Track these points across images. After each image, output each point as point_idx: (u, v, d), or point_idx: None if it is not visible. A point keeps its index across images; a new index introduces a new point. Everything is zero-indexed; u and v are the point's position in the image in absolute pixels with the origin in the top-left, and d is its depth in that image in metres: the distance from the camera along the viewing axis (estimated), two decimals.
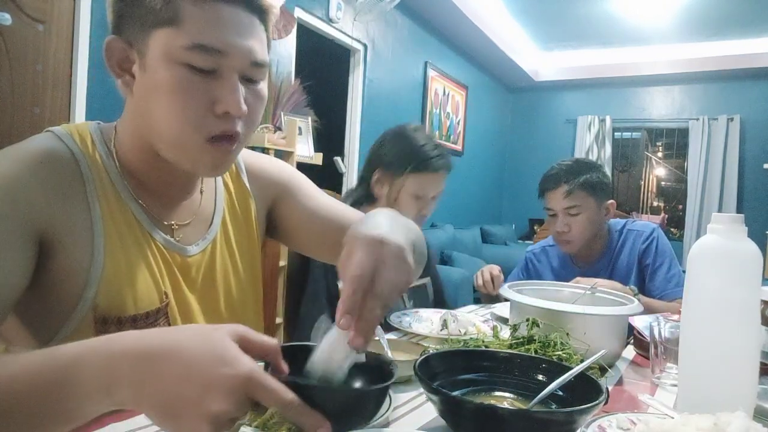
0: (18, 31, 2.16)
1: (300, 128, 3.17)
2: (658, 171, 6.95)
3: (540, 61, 6.62)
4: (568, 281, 1.36)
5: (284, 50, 3.47)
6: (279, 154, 2.98)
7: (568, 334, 0.91)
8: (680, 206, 6.65)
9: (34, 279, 0.66)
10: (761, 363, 0.74)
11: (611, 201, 1.72)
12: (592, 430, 0.64)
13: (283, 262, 2.65)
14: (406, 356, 0.89)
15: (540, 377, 0.72)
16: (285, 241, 0.99)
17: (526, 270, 1.91)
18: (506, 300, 1.20)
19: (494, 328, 1.06)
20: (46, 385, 0.47)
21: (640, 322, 1.12)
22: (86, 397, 0.47)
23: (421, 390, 0.80)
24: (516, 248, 5.50)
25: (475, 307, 1.63)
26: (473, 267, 2.59)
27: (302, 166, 3.02)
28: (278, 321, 2.55)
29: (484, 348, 0.86)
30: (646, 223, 1.79)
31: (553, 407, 0.67)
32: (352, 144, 4.28)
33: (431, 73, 5.16)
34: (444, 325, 1.21)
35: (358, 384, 0.55)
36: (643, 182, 6.91)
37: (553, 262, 1.86)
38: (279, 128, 3.04)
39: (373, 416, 0.59)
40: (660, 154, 6.90)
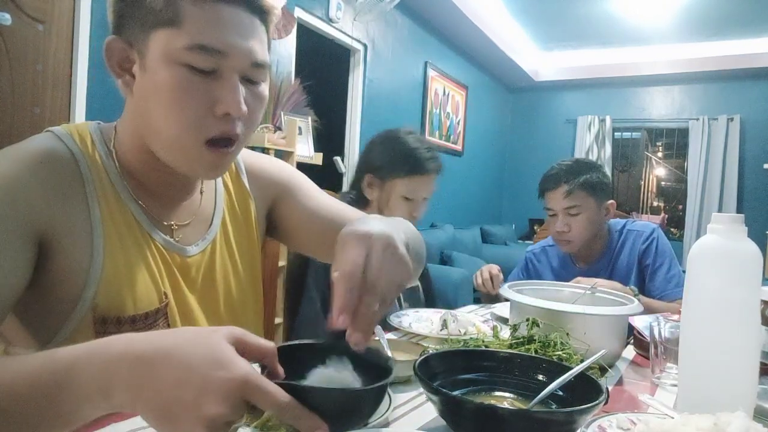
0: (18, 31, 2.16)
1: (300, 128, 3.17)
2: (658, 171, 6.95)
3: (540, 61, 6.62)
4: (568, 281, 1.36)
5: (284, 50, 3.47)
6: (279, 154, 2.98)
7: (568, 334, 0.91)
8: (680, 206, 6.65)
9: (33, 279, 0.66)
10: (761, 363, 0.74)
11: (611, 201, 1.72)
12: (592, 430, 0.64)
13: (283, 262, 2.65)
14: (406, 356, 0.89)
15: (540, 377, 0.72)
16: (285, 241, 0.99)
17: (526, 270, 1.91)
18: (506, 300, 1.20)
19: (494, 328, 1.06)
20: (45, 388, 0.47)
21: (640, 322, 1.12)
22: (84, 400, 0.47)
23: (421, 390, 0.80)
24: (516, 248, 5.50)
25: (475, 307, 1.63)
26: (473, 267, 2.59)
27: (302, 166, 3.02)
28: (278, 321, 2.55)
29: (484, 348, 0.86)
30: (646, 223, 1.79)
31: (553, 407, 0.67)
32: (352, 144, 4.28)
33: (431, 73, 5.16)
34: (444, 325, 1.21)
35: (355, 383, 0.55)
36: (643, 182, 6.91)
37: (553, 262, 1.86)
38: (279, 128, 3.04)
39: (371, 415, 0.59)
40: (660, 154, 6.90)
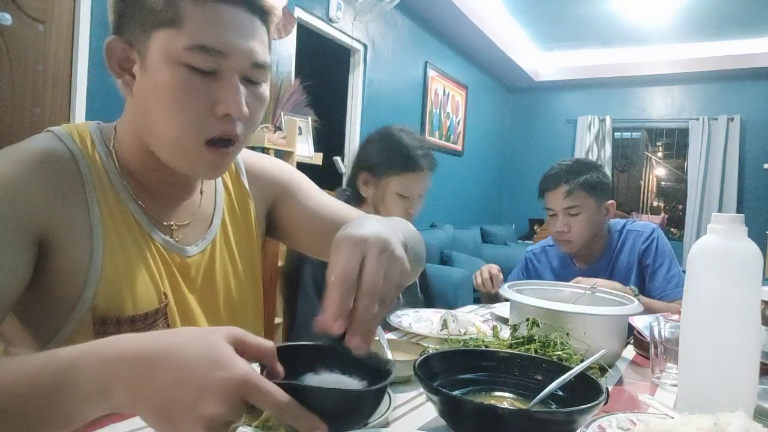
0: (18, 31, 2.16)
1: (300, 128, 3.17)
2: (658, 171, 6.95)
3: (540, 61, 6.62)
4: (568, 281, 1.36)
5: (284, 50, 3.47)
6: (279, 154, 2.98)
7: (568, 334, 0.91)
8: (680, 206, 6.65)
9: (33, 279, 0.66)
10: (761, 363, 0.74)
11: (611, 201, 1.72)
12: (592, 430, 0.64)
13: (283, 262, 2.65)
14: (406, 356, 0.89)
15: (540, 377, 0.72)
16: (285, 240, 0.99)
17: (526, 270, 1.91)
18: (506, 300, 1.20)
19: (494, 328, 1.06)
20: (45, 389, 0.47)
21: (640, 322, 1.12)
22: (84, 400, 0.47)
23: (421, 390, 0.80)
24: (516, 248, 5.50)
25: (475, 307, 1.63)
26: (473, 267, 2.59)
27: (302, 166, 3.02)
28: (278, 321, 2.55)
29: (484, 348, 0.86)
30: (646, 223, 1.79)
31: (553, 407, 0.67)
32: (352, 144, 4.28)
33: (431, 73, 5.16)
34: (444, 325, 1.21)
35: (354, 384, 0.55)
36: (643, 182, 6.91)
37: (553, 262, 1.86)
38: (279, 128, 3.04)
39: (370, 417, 0.59)
40: (660, 154, 6.90)
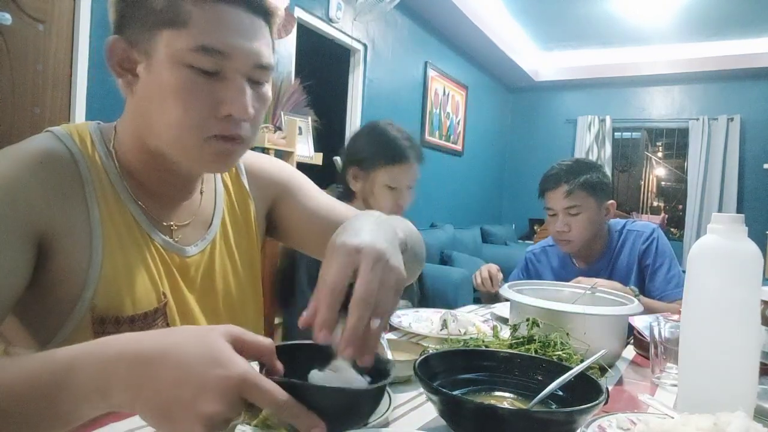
0: (18, 31, 2.16)
1: (300, 128, 3.17)
2: (658, 171, 6.95)
3: (540, 61, 6.62)
4: (568, 281, 1.36)
5: (284, 50, 3.47)
6: (279, 154, 2.98)
7: (568, 334, 0.91)
8: (680, 206, 6.65)
9: (32, 279, 0.66)
10: (761, 363, 0.74)
11: (611, 201, 1.72)
12: (592, 430, 0.64)
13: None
14: (406, 356, 0.89)
15: (540, 377, 0.72)
16: (285, 240, 0.99)
17: (526, 270, 1.91)
18: (506, 300, 1.20)
19: (494, 328, 1.06)
20: (44, 388, 0.47)
21: (640, 322, 1.12)
22: (83, 400, 0.47)
23: (421, 390, 0.80)
24: (516, 248, 5.50)
25: (475, 307, 1.63)
26: (473, 267, 2.59)
27: (302, 166, 3.02)
28: (278, 321, 2.54)
29: (484, 348, 0.86)
30: (646, 223, 1.79)
31: (553, 407, 0.67)
32: None
33: (431, 73, 5.16)
34: (444, 325, 1.21)
35: (354, 383, 0.55)
36: (643, 182, 6.91)
37: (553, 262, 1.86)
38: (279, 128, 3.05)
39: (370, 416, 0.59)
40: (660, 154, 6.90)
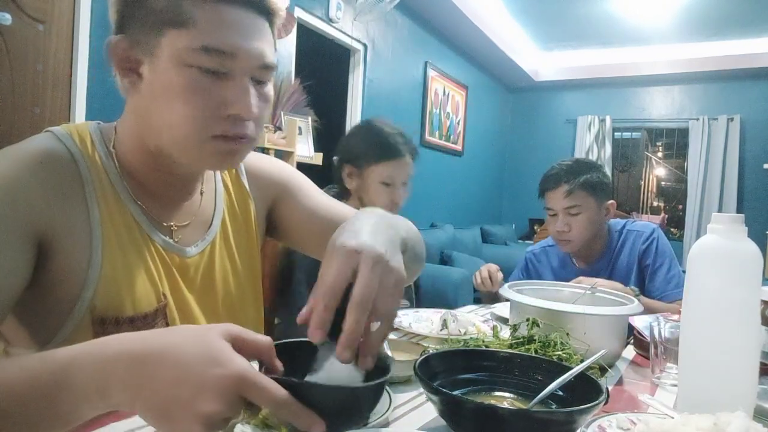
0: (18, 31, 2.16)
1: (300, 128, 3.17)
2: (658, 171, 6.95)
3: (540, 61, 6.62)
4: (568, 281, 1.36)
5: (284, 50, 3.47)
6: (279, 154, 2.99)
7: (568, 334, 0.91)
8: (680, 206, 6.65)
9: (32, 279, 0.65)
10: (761, 363, 0.74)
11: (611, 201, 1.72)
12: (592, 430, 0.64)
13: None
14: (406, 356, 0.89)
15: (540, 377, 0.72)
16: (285, 241, 0.99)
17: (526, 270, 1.91)
18: (506, 300, 1.20)
19: (494, 328, 1.06)
20: (44, 388, 0.47)
21: (640, 322, 1.12)
22: (83, 400, 0.47)
23: (421, 390, 0.80)
24: (516, 248, 5.50)
25: (475, 307, 1.63)
26: (473, 267, 2.59)
27: (302, 166, 3.02)
28: (277, 321, 2.55)
29: (484, 348, 0.86)
30: (646, 223, 1.79)
31: (553, 407, 0.67)
32: None
33: (431, 73, 5.16)
34: (444, 325, 1.21)
35: (354, 382, 0.55)
36: (643, 182, 6.91)
37: (553, 262, 1.86)
38: (279, 128, 3.05)
39: (369, 413, 0.59)
40: (660, 154, 6.90)
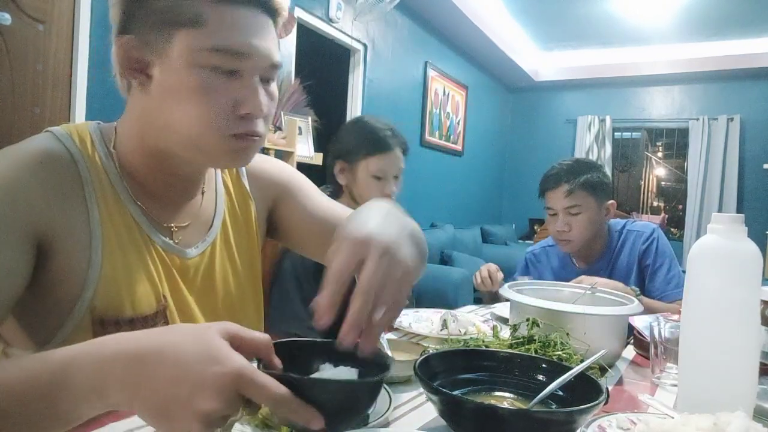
0: (18, 31, 2.16)
1: (300, 128, 3.17)
2: (658, 171, 6.95)
3: (540, 61, 6.62)
4: (568, 281, 1.36)
5: (284, 50, 3.47)
6: (279, 154, 2.99)
7: (568, 334, 0.91)
8: (680, 206, 6.65)
9: (32, 280, 0.65)
10: (761, 363, 0.74)
11: (612, 201, 1.72)
12: (592, 430, 0.64)
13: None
14: (406, 356, 0.89)
15: (540, 377, 0.72)
16: (285, 241, 0.99)
17: (527, 270, 1.91)
18: (506, 300, 1.20)
19: (494, 328, 1.06)
20: (43, 388, 0.47)
21: (640, 322, 1.12)
22: (82, 400, 0.47)
23: (421, 390, 0.80)
24: (516, 248, 5.50)
25: (475, 307, 1.63)
26: (473, 267, 2.59)
27: (302, 166, 3.02)
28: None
29: (484, 348, 0.86)
30: (646, 223, 1.79)
31: (553, 407, 0.67)
32: None
33: (431, 73, 5.16)
34: (444, 325, 1.21)
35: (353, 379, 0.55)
36: (643, 182, 6.91)
37: (553, 262, 1.86)
38: (279, 128, 3.05)
39: (368, 410, 0.59)
40: (660, 154, 6.90)
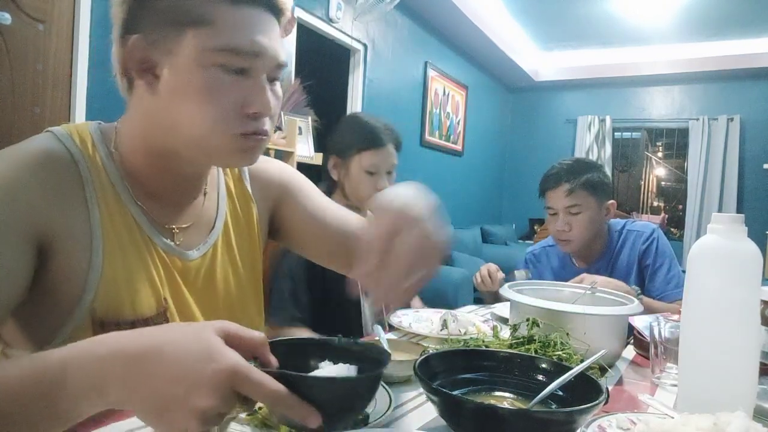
0: (18, 31, 2.16)
1: (300, 128, 3.17)
2: (658, 171, 6.95)
3: (540, 61, 6.62)
4: (568, 281, 1.36)
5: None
6: (279, 154, 2.99)
7: (568, 334, 0.91)
8: (680, 206, 6.65)
9: (32, 281, 0.65)
10: (761, 363, 0.74)
11: (612, 201, 1.72)
12: (592, 430, 0.65)
13: None
14: (406, 356, 0.89)
15: (540, 377, 0.72)
16: (287, 243, 0.99)
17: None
18: (506, 300, 1.20)
19: (494, 328, 1.06)
20: (42, 387, 0.47)
21: (640, 322, 1.12)
22: (81, 398, 0.47)
23: (421, 390, 0.80)
24: (516, 248, 5.50)
25: (475, 307, 1.63)
26: (473, 267, 2.59)
27: (302, 166, 3.02)
28: None
29: (484, 348, 0.86)
30: (646, 223, 1.79)
31: (553, 407, 0.67)
32: None
33: (431, 73, 5.16)
34: (444, 325, 1.21)
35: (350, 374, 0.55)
36: (643, 182, 6.91)
37: (553, 262, 1.86)
38: (279, 128, 3.04)
39: (365, 406, 0.59)
40: (660, 154, 6.90)
